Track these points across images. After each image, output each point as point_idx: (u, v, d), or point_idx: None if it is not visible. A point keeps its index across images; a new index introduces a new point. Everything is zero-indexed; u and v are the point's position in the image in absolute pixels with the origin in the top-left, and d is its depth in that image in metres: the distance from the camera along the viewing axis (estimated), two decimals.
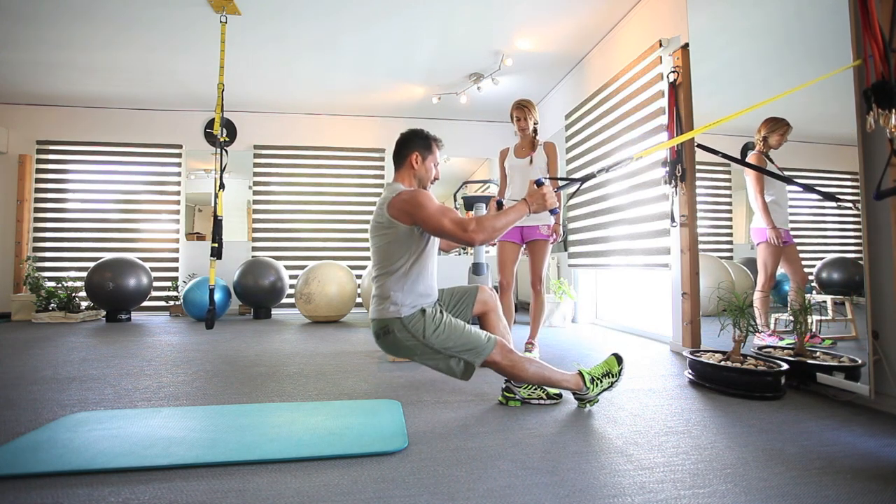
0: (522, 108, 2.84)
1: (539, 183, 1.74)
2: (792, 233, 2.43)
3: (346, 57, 4.20)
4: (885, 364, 1.76)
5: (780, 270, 2.45)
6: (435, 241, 1.87)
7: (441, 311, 1.79)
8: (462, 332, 1.74)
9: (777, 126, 2.37)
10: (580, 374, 1.80)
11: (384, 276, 1.78)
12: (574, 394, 1.82)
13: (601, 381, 1.81)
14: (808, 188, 2.32)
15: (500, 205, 1.96)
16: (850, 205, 1.95)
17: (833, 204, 2.23)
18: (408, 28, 3.70)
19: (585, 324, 4.37)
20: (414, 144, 1.88)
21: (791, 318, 2.18)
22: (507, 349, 1.75)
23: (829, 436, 1.53)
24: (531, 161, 2.85)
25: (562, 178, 2.01)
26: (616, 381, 1.84)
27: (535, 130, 2.89)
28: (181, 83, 4.74)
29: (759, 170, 2.37)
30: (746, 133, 2.52)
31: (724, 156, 2.36)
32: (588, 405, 1.82)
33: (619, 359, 1.88)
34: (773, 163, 2.40)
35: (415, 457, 1.38)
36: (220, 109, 3.32)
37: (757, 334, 2.35)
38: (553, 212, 1.81)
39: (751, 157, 2.46)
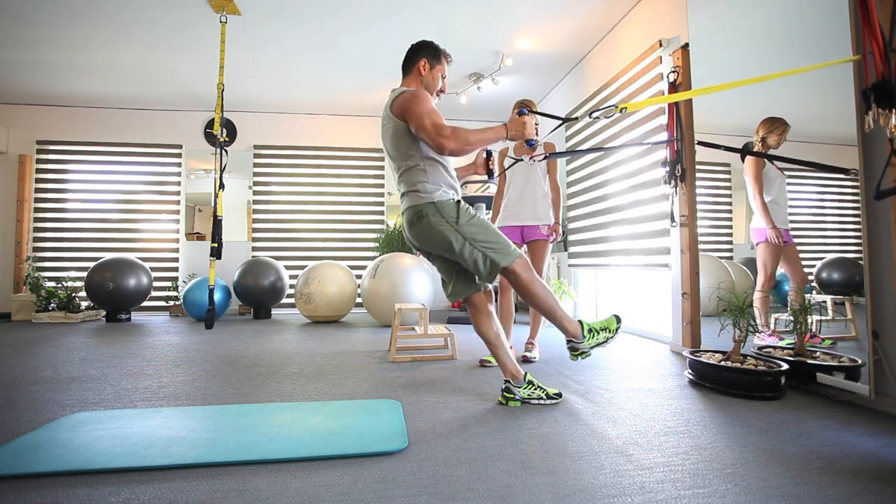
0: (524, 106, 2.84)
1: (521, 112, 1.78)
2: (792, 233, 2.43)
3: (345, 57, 4.20)
4: (885, 364, 1.76)
5: (780, 270, 2.44)
6: None
7: (475, 210, 1.83)
8: (493, 231, 1.81)
9: (775, 126, 2.37)
10: (580, 322, 1.85)
11: (406, 171, 1.85)
12: (569, 342, 1.86)
13: (598, 334, 1.86)
14: (811, 164, 2.29)
15: (488, 154, 1.98)
16: (853, 174, 1.91)
17: (833, 204, 2.23)
18: (408, 28, 3.70)
19: None
20: (423, 52, 1.93)
21: (791, 318, 2.18)
22: (529, 267, 1.81)
23: (829, 436, 1.53)
24: (531, 160, 2.85)
25: (544, 114, 2.04)
26: (611, 337, 1.89)
27: (535, 130, 2.89)
28: (181, 83, 4.74)
29: (762, 155, 2.36)
30: (746, 133, 2.52)
31: (726, 148, 2.36)
32: (580, 357, 1.86)
33: (618, 318, 1.93)
34: (772, 163, 2.40)
35: (415, 457, 1.38)
36: (220, 109, 3.33)
37: (757, 334, 2.35)
38: (530, 143, 1.87)
39: (749, 159, 2.46)
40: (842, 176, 2.13)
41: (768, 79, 1.87)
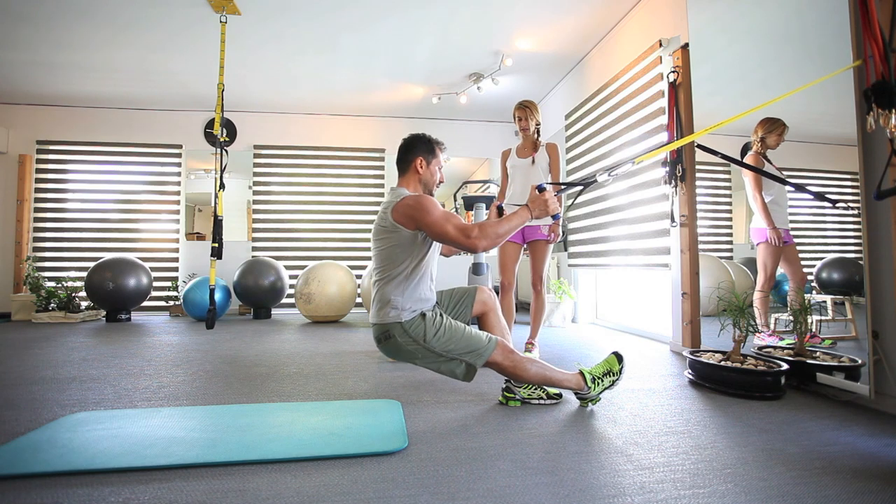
0: (524, 109, 2.85)
1: (541, 189, 1.74)
2: (792, 233, 2.43)
3: (345, 57, 4.20)
4: (885, 364, 1.76)
5: (780, 270, 2.45)
6: (437, 247, 1.88)
7: (441, 315, 1.79)
8: (462, 334, 1.74)
9: (774, 127, 2.37)
10: (581, 373, 1.80)
11: (385, 281, 1.78)
12: (576, 393, 1.82)
13: (602, 381, 1.81)
14: (801, 188, 2.32)
15: (500, 210, 1.97)
16: (845, 205, 1.95)
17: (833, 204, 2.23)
18: (408, 28, 3.70)
19: (585, 324, 4.37)
20: (418, 149, 1.88)
21: (791, 318, 2.18)
22: (508, 349, 1.75)
23: (829, 436, 1.53)
24: (533, 161, 2.86)
25: (563, 183, 2.01)
26: (617, 379, 1.85)
27: (537, 131, 2.89)
28: (181, 83, 4.74)
29: (757, 170, 2.37)
30: (746, 133, 2.52)
31: (723, 156, 2.36)
32: (590, 404, 1.82)
33: (619, 357, 1.88)
34: (770, 163, 2.40)
35: (415, 457, 1.38)
36: (220, 109, 3.32)
37: (757, 334, 2.36)
38: (555, 217, 1.82)
39: (748, 158, 2.46)
40: (842, 176, 2.13)
41: (771, 104, 1.88)
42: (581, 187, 2.01)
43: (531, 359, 1.78)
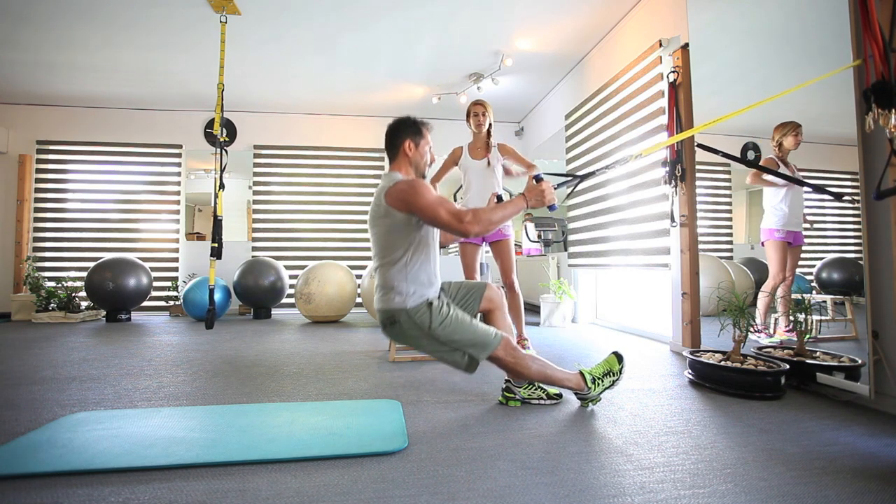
0: (481, 104, 2.88)
1: (538, 178, 1.74)
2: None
3: (346, 57, 4.20)
4: (885, 364, 1.76)
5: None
6: (435, 231, 1.87)
7: (448, 304, 1.78)
8: (468, 326, 1.74)
9: (787, 129, 2.36)
10: (581, 373, 1.80)
11: (386, 266, 1.78)
12: (576, 393, 1.82)
13: (602, 381, 1.81)
14: (821, 189, 2.30)
15: (499, 199, 1.95)
16: (851, 199, 1.95)
17: (834, 204, 2.23)
18: (408, 28, 3.70)
19: (585, 324, 4.37)
20: (404, 132, 1.86)
21: (783, 316, 2.19)
22: (512, 346, 1.75)
23: (829, 436, 1.53)
24: (488, 163, 2.85)
25: (560, 175, 2.01)
26: (617, 379, 1.84)
27: (489, 132, 2.90)
28: (181, 83, 4.74)
29: (766, 170, 2.37)
30: (747, 133, 2.52)
31: (725, 155, 2.36)
32: (590, 404, 1.82)
33: (619, 357, 1.88)
34: (787, 166, 2.38)
35: (415, 457, 1.38)
36: (220, 109, 3.32)
37: (760, 332, 2.37)
38: (551, 208, 1.81)
39: (764, 161, 2.45)
40: (842, 176, 2.13)
41: (771, 100, 1.88)
42: (577, 181, 2.00)
43: (533, 356, 1.78)
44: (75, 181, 5.29)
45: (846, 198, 1.99)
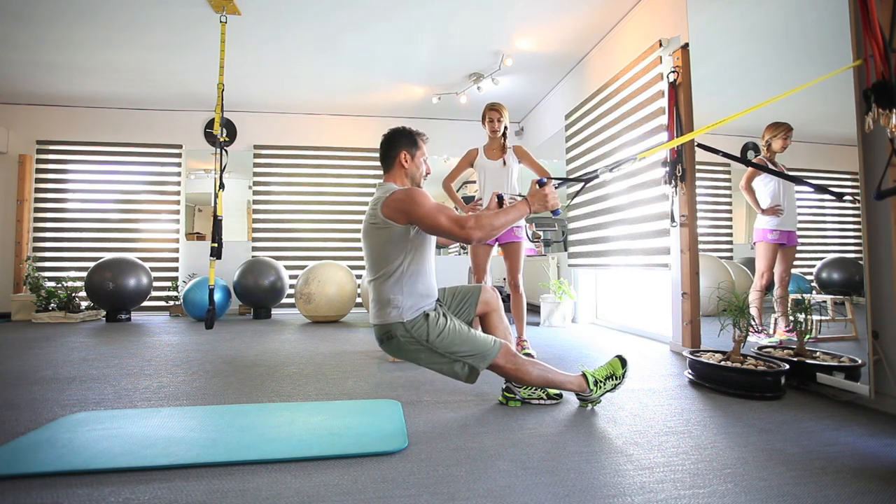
0: (496, 109, 2.88)
1: (541, 183, 1.72)
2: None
3: (345, 57, 4.20)
4: (885, 364, 1.76)
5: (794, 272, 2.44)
6: (432, 240, 1.84)
7: (444, 315, 1.76)
8: (467, 336, 1.72)
9: (777, 130, 2.36)
10: (583, 375, 1.79)
11: (381, 280, 1.75)
12: (577, 394, 1.82)
13: (604, 384, 1.80)
14: (822, 189, 2.30)
15: (500, 199, 1.94)
16: (851, 199, 1.94)
17: (834, 204, 2.23)
18: (408, 28, 3.70)
19: (585, 324, 4.37)
20: (399, 144, 1.84)
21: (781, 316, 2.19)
22: (512, 353, 1.74)
23: (829, 436, 1.53)
24: (504, 163, 2.87)
25: (562, 178, 2.00)
26: (619, 383, 1.83)
27: (504, 134, 2.92)
28: (181, 83, 4.74)
29: (760, 167, 2.37)
30: (747, 133, 2.52)
31: (725, 155, 2.36)
32: (591, 405, 1.82)
33: (623, 361, 1.87)
34: (776, 166, 2.40)
35: (415, 457, 1.38)
36: (220, 109, 3.32)
37: (763, 332, 2.37)
38: (555, 213, 1.78)
39: (755, 161, 2.46)
40: (842, 176, 2.13)
41: (771, 102, 1.88)
42: (583, 183, 1.99)
43: (533, 361, 1.77)
44: (75, 181, 5.29)
45: (846, 198, 1.98)
